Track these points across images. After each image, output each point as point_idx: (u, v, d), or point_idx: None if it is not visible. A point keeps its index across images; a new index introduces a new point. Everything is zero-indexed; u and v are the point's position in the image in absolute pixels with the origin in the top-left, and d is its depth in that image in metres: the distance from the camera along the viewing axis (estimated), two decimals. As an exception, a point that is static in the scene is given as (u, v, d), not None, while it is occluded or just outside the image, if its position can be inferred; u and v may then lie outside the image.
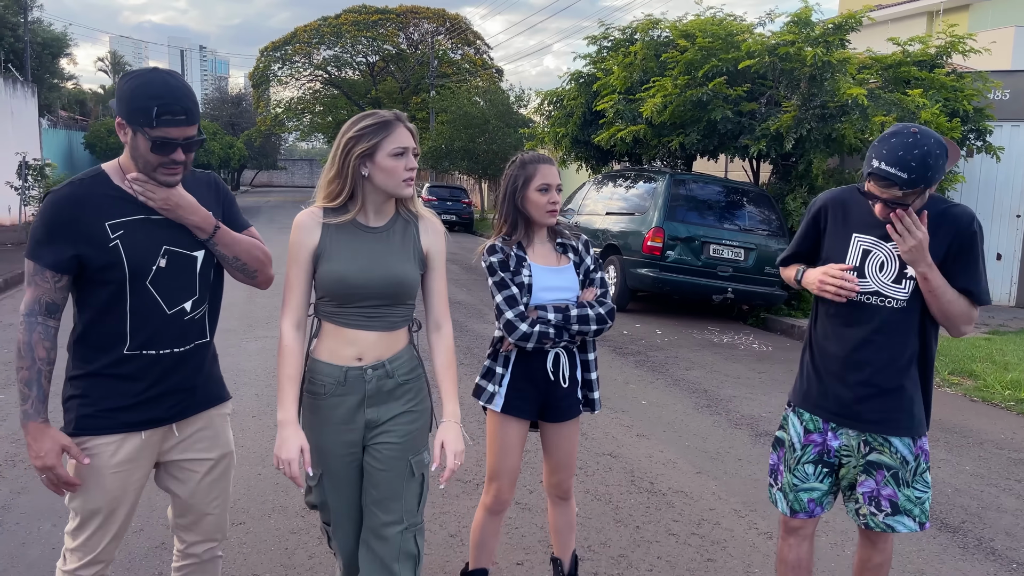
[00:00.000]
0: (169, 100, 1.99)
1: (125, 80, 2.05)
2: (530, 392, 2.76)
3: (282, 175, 70.14)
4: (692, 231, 9.93)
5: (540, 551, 3.57)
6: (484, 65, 43.30)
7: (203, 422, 2.29)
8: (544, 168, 2.74)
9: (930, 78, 10.44)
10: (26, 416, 2.06)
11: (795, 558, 2.67)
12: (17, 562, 3.27)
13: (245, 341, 7.59)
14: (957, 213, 2.42)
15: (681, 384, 6.85)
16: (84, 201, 2.07)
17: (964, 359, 7.94)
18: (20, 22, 27.31)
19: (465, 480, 4.37)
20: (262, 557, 3.40)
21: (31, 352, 2.05)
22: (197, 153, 2.44)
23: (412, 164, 2.20)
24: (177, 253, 2.15)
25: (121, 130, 2.05)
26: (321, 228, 2.23)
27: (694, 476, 4.63)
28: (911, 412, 2.49)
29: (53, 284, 2.06)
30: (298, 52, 43.37)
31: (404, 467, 2.32)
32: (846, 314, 2.50)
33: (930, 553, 3.78)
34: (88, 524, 2.15)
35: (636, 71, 11.67)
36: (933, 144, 2.24)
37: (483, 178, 30.48)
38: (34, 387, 2.05)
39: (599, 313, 2.73)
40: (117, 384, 2.12)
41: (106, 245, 2.06)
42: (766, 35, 11.00)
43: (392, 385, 2.30)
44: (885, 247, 2.44)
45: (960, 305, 2.39)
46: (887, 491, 2.46)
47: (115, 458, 2.13)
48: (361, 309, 2.23)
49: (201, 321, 2.25)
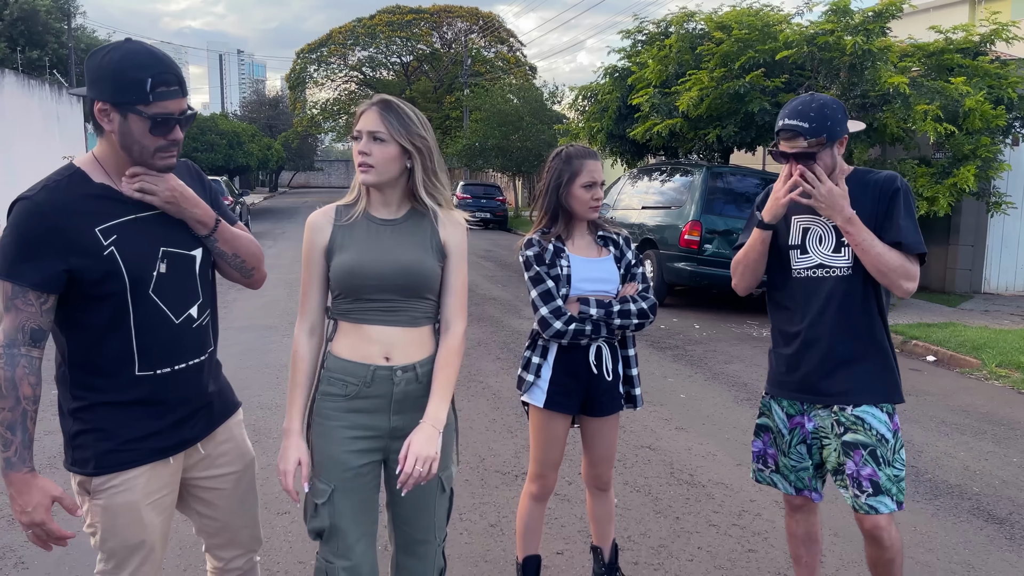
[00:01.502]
0: (161, 69, 1.76)
1: (101, 56, 1.77)
2: (573, 387, 2.76)
3: (319, 176, 70.89)
4: (730, 224, 9.84)
5: (580, 541, 3.58)
6: (517, 63, 43.31)
7: (225, 434, 2.12)
8: (590, 164, 2.75)
9: (973, 66, 10.21)
10: (9, 465, 1.76)
11: (804, 531, 2.76)
12: (71, 550, 3.36)
13: (287, 337, 7.71)
14: (879, 177, 2.52)
15: (720, 378, 6.81)
16: (67, 205, 1.78)
17: (1012, 351, 7.77)
18: (64, 29, 27.99)
19: (504, 471, 4.40)
20: (308, 546, 3.46)
21: (14, 390, 1.75)
22: (237, 154, 2.23)
23: (364, 148, 2.06)
24: (176, 254, 1.93)
25: (104, 117, 1.78)
26: (332, 226, 2.14)
27: (734, 468, 4.60)
28: (878, 379, 2.51)
29: (38, 307, 1.77)
30: (333, 54, 43.87)
31: (435, 483, 2.19)
32: (797, 292, 2.58)
33: (977, 544, 3.72)
34: (127, 563, 1.92)
35: (671, 64, 11.59)
36: (829, 100, 2.43)
37: (517, 175, 30.50)
38: (18, 431, 1.76)
39: (641, 308, 2.73)
40: (134, 411, 1.89)
41: (100, 254, 1.79)
42: (804, 25, 10.86)
43: (420, 392, 2.12)
44: (820, 221, 2.54)
45: (892, 258, 2.40)
46: (867, 471, 2.44)
47: (148, 488, 1.92)
48: (376, 303, 2.10)
49: (208, 327, 2.05)
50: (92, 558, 3.25)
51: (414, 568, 2.26)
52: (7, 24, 25.78)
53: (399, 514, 2.23)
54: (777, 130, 2.48)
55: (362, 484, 2.13)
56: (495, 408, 5.57)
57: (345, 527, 2.09)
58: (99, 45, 20.67)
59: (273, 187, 57.49)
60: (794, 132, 2.42)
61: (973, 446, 5.19)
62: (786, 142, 2.46)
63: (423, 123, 2.12)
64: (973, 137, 9.71)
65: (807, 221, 2.57)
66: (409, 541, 2.24)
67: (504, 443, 4.87)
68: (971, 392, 6.64)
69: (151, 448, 1.92)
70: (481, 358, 7.04)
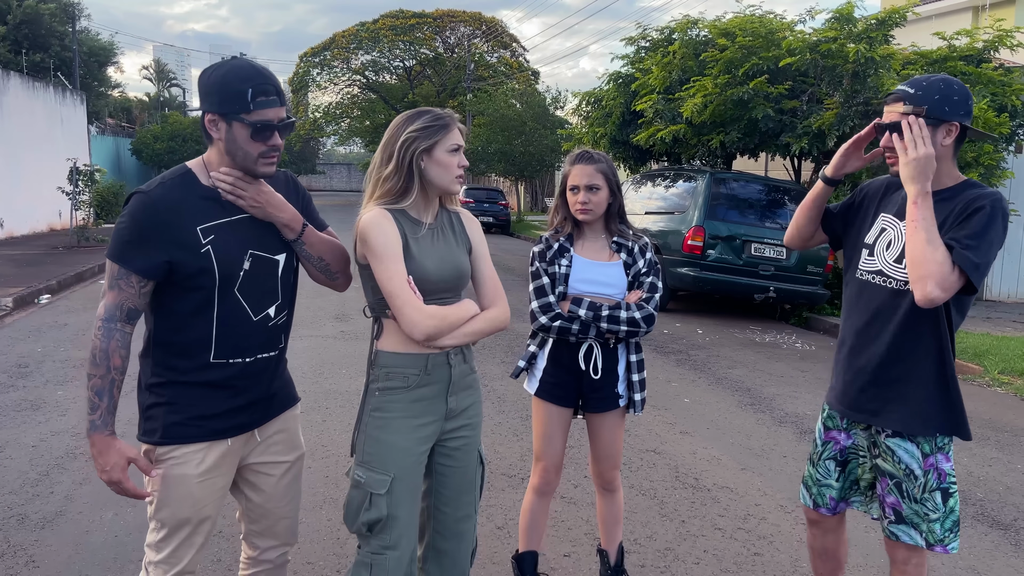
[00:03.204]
0: (261, 81, 1.94)
1: (210, 72, 1.97)
2: (566, 380, 2.84)
3: (321, 179, 70.95)
4: (733, 230, 9.87)
5: (586, 543, 3.60)
6: (520, 68, 43.41)
7: (280, 424, 2.24)
8: (575, 168, 2.84)
9: (977, 73, 10.24)
10: (93, 427, 1.95)
11: (821, 547, 2.68)
12: (82, 549, 3.39)
13: (292, 340, 7.71)
14: (979, 191, 2.26)
15: (723, 383, 6.83)
16: (178, 204, 1.96)
17: (1014, 358, 7.79)
18: (68, 32, 28.07)
19: (511, 475, 4.42)
20: (315, 547, 3.49)
21: (107, 360, 1.94)
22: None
23: (464, 162, 2.22)
24: (261, 257, 2.07)
25: (213, 127, 1.97)
26: (397, 226, 2.14)
27: (739, 472, 4.62)
28: (916, 409, 2.31)
29: (138, 289, 1.96)
30: (336, 57, 43.95)
31: (475, 457, 2.34)
32: (853, 296, 2.46)
33: (982, 550, 3.73)
34: (175, 535, 2.05)
35: (675, 71, 11.63)
36: (953, 80, 2.25)
37: (520, 180, 30.55)
38: (105, 397, 1.94)
39: (632, 317, 2.75)
40: (204, 392, 2.04)
41: (198, 251, 1.96)
42: (807, 32, 10.89)
43: (467, 372, 2.29)
44: (898, 226, 2.34)
45: (934, 252, 2.09)
46: (890, 499, 2.36)
47: (202, 466, 2.05)
48: (434, 302, 2.16)
49: (284, 327, 2.20)
50: (101, 557, 3.30)
51: (455, 551, 2.31)
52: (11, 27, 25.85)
53: (442, 495, 2.30)
54: (884, 101, 2.34)
55: (419, 471, 2.22)
56: (500, 411, 5.59)
57: (400, 516, 2.15)
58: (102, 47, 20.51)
59: (275, 190, 57.45)
60: (897, 96, 2.26)
61: (977, 452, 5.21)
62: (888, 107, 2.29)
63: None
64: (976, 144, 9.73)
65: (887, 221, 2.40)
66: (451, 521, 2.30)
67: (510, 446, 4.89)
68: (974, 399, 6.66)
69: (212, 428, 2.06)
70: (486, 361, 7.06)
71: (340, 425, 5.11)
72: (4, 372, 6.37)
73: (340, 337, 7.97)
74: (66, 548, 3.40)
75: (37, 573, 3.20)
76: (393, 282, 2.08)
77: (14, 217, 17.14)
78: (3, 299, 9.18)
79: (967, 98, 2.24)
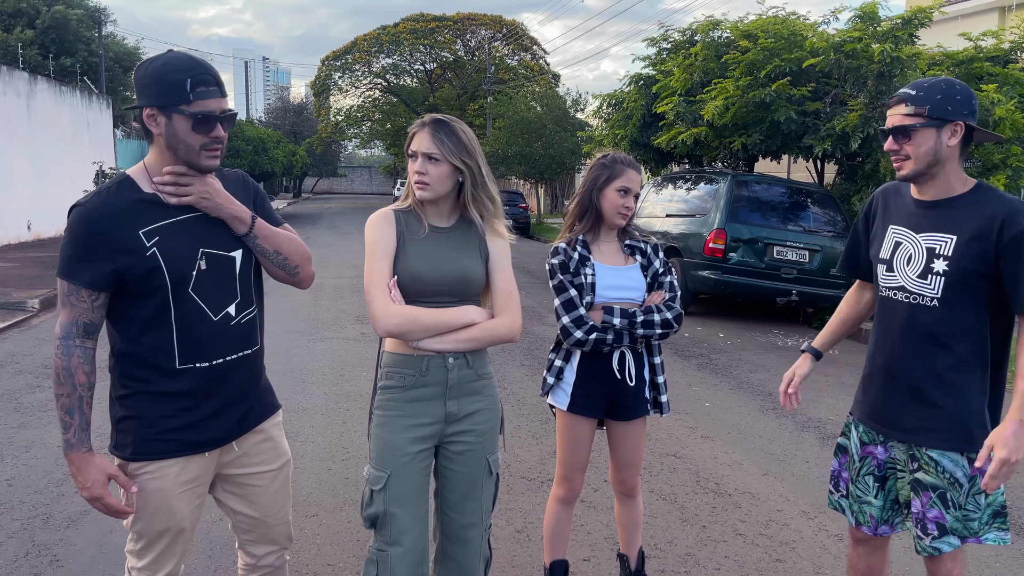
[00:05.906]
0: (200, 71, 1.91)
1: (147, 65, 1.95)
2: (597, 390, 2.78)
3: (342, 182, 71.44)
4: (755, 232, 9.79)
5: (606, 548, 3.58)
6: (540, 71, 43.41)
7: (261, 435, 2.21)
8: (630, 172, 2.80)
9: (1004, 74, 10.09)
10: (69, 446, 1.95)
11: (865, 567, 2.57)
12: (105, 549, 3.42)
13: (312, 342, 7.78)
14: (1006, 209, 2.18)
15: (745, 387, 6.77)
16: (115, 211, 1.94)
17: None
18: (95, 37, 28.46)
19: (530, 478, 4.41)
20: (335, 548, 3.50)
21: (71, 377, 1.93)
22: (262, 160, 2.37)
23: (420, 168, 2.20)
24: (215, 255, 2.04)
25: (152, 121, 1.93)
26: (396, 231, 2.25)
27: (760, 478, 4.58)
28: (957, 426, 2.24)
29: (90, 303, 1.94)
30: (358, 61, 44.20)
31: (483, 465, 2.32)
32: (882, 313, 2.40)
33: (1008, 558, 3.67)
34: (155, 545, 2.06)
35: (697, 72, 11.57)
36: (955, 82, 2.21)
37: (540, 182, 30.53)
38: (76, 415, 1.94)
39: (665, 318, 2.74)
40: (172, 402, 2.01)
41: (144, 254, 1.93)
42: (831, 33, 10.79)
43: (471, 378, 2.29)
44: (915, 240, 2.29)
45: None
46: (933, 513, 2.25)
47: (180, 478, 2.04)
48: (431, 303, 2.22)
49: (248, 326, 2.14)
50: (124, 557, 3.32)
51: (462, 557, 2.32)
52: (39, 32, 26.26)
53: (447, 499, 2.32)
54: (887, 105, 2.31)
55: (416, 470, 2.23)
56: (520, 414, 5.59)
57: (398, 513, 2.20)
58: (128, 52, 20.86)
59: (297, 193, 58.00)
60: (899, 98, 2.23)
61: (1004, 459, 5.11)
62: (890, 111, 2.26)
63: (471, 141, 2.25)
64: (1003, 146, 9.59)
65: (899, 234, 2.35)
66: (456, 527, 2.32)
67: (529, 449, 4.88)
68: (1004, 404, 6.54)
69: (187, 441, 2.03)
70: (505, 364, 7.06)
71: (360, 427, 5.13)
72: (31, 373, 6.46)
73: (361, 339, 8.00)
74: (90, 548, 3.43)
75: (61, 572, 3.23)
76: (370, 278, 2.18)
77: (41, 220, 17.40)
78: (30, 301, 9.31)
79: (970, 98, 2.21)
